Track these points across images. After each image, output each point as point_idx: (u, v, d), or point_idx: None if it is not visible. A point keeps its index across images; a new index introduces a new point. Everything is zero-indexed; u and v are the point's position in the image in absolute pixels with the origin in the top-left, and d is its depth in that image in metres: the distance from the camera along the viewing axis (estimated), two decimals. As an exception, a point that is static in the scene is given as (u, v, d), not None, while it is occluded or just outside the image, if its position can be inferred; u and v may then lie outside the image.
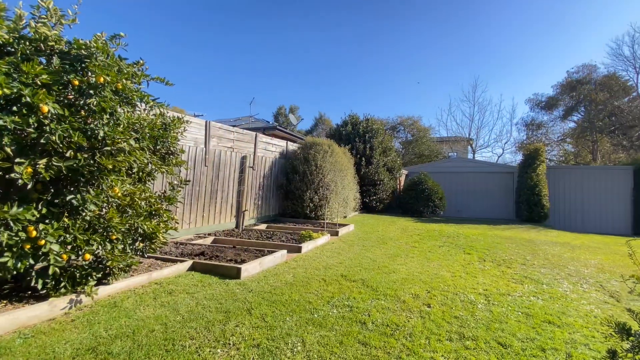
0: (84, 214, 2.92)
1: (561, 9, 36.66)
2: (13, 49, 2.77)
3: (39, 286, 2.82)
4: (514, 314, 3.45)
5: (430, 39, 44.64)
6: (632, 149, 24.03)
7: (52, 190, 2.84)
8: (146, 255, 3.89)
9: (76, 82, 2.89)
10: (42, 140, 2.58)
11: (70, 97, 2.95)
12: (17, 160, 2.49)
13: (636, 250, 1.93)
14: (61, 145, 2.68)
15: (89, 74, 3.04)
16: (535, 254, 6.72)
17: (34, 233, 2.54)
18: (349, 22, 46.57)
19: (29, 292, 3.07)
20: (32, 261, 2.60)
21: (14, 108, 2.50)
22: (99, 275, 3.25)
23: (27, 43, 2.84)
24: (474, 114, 35.98)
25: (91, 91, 2.95)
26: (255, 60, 57.12)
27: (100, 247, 3.04)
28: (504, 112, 43.68)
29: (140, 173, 3.61)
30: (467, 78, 54.12)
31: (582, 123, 27.15)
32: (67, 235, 2.80)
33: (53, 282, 2.93)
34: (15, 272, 2.58)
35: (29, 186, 2.56)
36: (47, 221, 2.69)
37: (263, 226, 8.16)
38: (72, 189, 2.92)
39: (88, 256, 2.95)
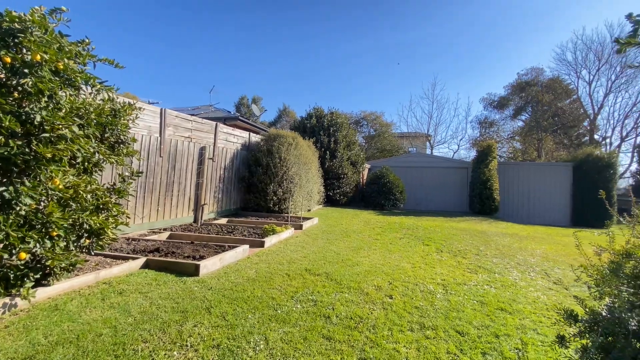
0: (17, 208, 2.60)
1: (515, 12, 39.08)
2: None
3: (-37, 290, 2.48)
4: (469, 303, 3.61)
5: (392, 36, 45.61)
6: (572, 147, 26.32)
7: (-22, 182, 2.50)
8: (93, 253, 3.59)
9: (8, 60, 2.55)
10: (-37, 124, 2.25)
11: (1, 76, 2.61)
12: None
13: (578, 242, 2.06)
14: (-12, 131, 2.36)
15: (24, 50, 2.70)
16: (488, 244, 7.13)
17: (-45, 230, 2.22)
18: (312, 18, 46.32)
19: (-49, 297, 2.71)
20: (-48, 262, 2.28)
21: None
22: (37, 276, 2.93)
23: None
24: (433, 111, 37.63)
25: (26, 70, 2.62)
26: (216, 50, 55.05)
27: (38, 244, 2.73)
28: (460, 110, 46.12)
29: (86, 163, 3.29)
30: (428, 76, 56.12)
31: (529, 122, 29.22)
32: (-3, 233, 2.48)
33: (-19, 285, 2.60)
34: None
35: (-53, 176, 2.23)
36: (-29, 217, 2.36)
37: (224, 220, 7.90)
38: (4, 180, 2.59)
39: (24, 255, 2.64)
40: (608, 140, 26.99)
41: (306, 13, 46.19)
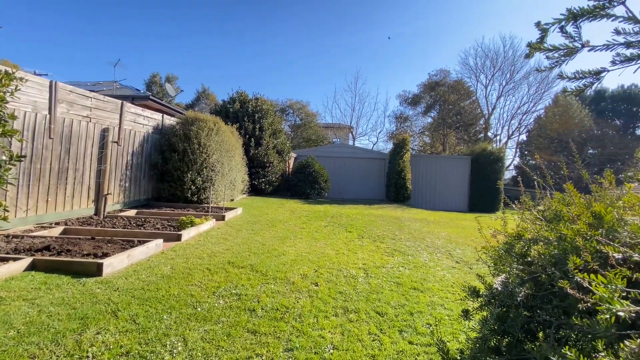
0: None
1: (431, 19, 42.77)
2: None
3: None
4: (387, 284, 3.86)
5: (321, 32, 46.11)
6: (470, 142, 30.08)
7: None
8: (-45, 256, 2.88)
9: None
10: None
11: None
12: None
13: (480, 226, 2.32)
14: None
15: None
16: (402, 229, 7.74)
17: None
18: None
19: None
20: None
21: None
22: None
23: None
24: (355, 104, 39.07)
25: None
26: (129, 36, 48.74)
27: None
28: (380, 104, 49.23)
29: (-60, 143, 2.59)
30: (351, 69, 58.24)
31: (437, 119, 32.50)
32: None
33: None
34: None
35: None
36: None
37: (132, 212, 7.10)
38: None
39: None
40: (498, 138, 31.73)
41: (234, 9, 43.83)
